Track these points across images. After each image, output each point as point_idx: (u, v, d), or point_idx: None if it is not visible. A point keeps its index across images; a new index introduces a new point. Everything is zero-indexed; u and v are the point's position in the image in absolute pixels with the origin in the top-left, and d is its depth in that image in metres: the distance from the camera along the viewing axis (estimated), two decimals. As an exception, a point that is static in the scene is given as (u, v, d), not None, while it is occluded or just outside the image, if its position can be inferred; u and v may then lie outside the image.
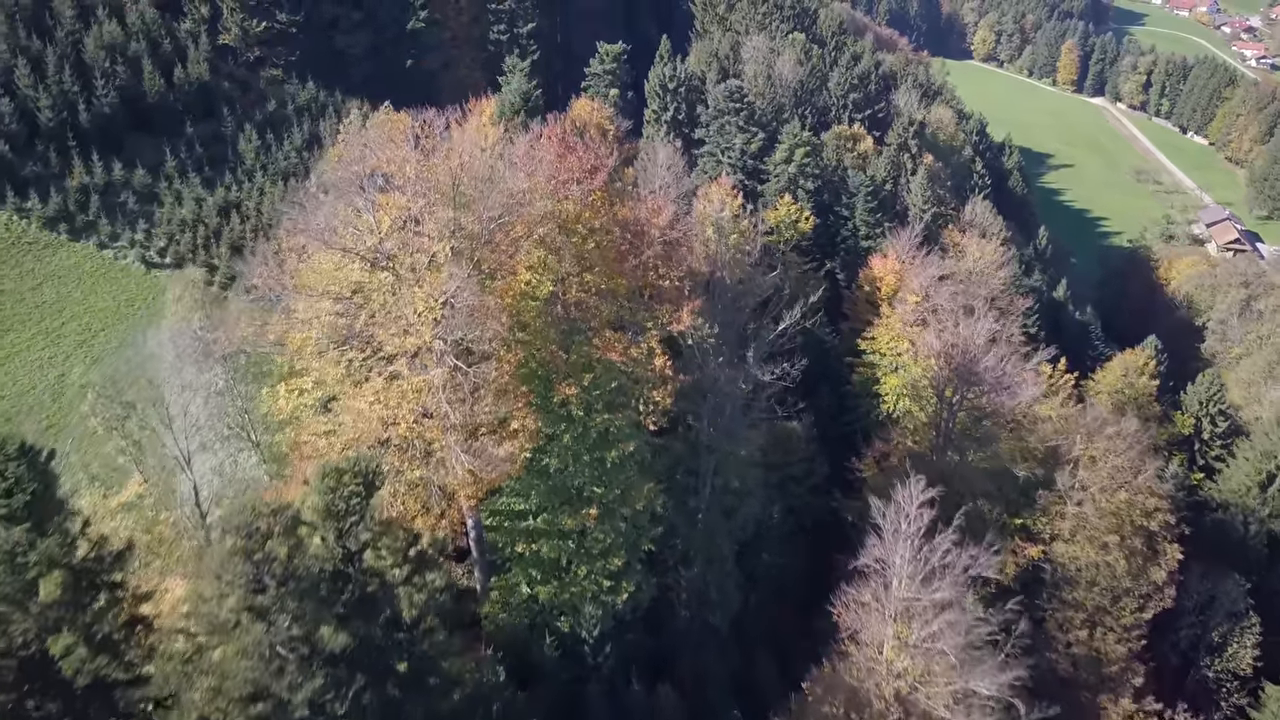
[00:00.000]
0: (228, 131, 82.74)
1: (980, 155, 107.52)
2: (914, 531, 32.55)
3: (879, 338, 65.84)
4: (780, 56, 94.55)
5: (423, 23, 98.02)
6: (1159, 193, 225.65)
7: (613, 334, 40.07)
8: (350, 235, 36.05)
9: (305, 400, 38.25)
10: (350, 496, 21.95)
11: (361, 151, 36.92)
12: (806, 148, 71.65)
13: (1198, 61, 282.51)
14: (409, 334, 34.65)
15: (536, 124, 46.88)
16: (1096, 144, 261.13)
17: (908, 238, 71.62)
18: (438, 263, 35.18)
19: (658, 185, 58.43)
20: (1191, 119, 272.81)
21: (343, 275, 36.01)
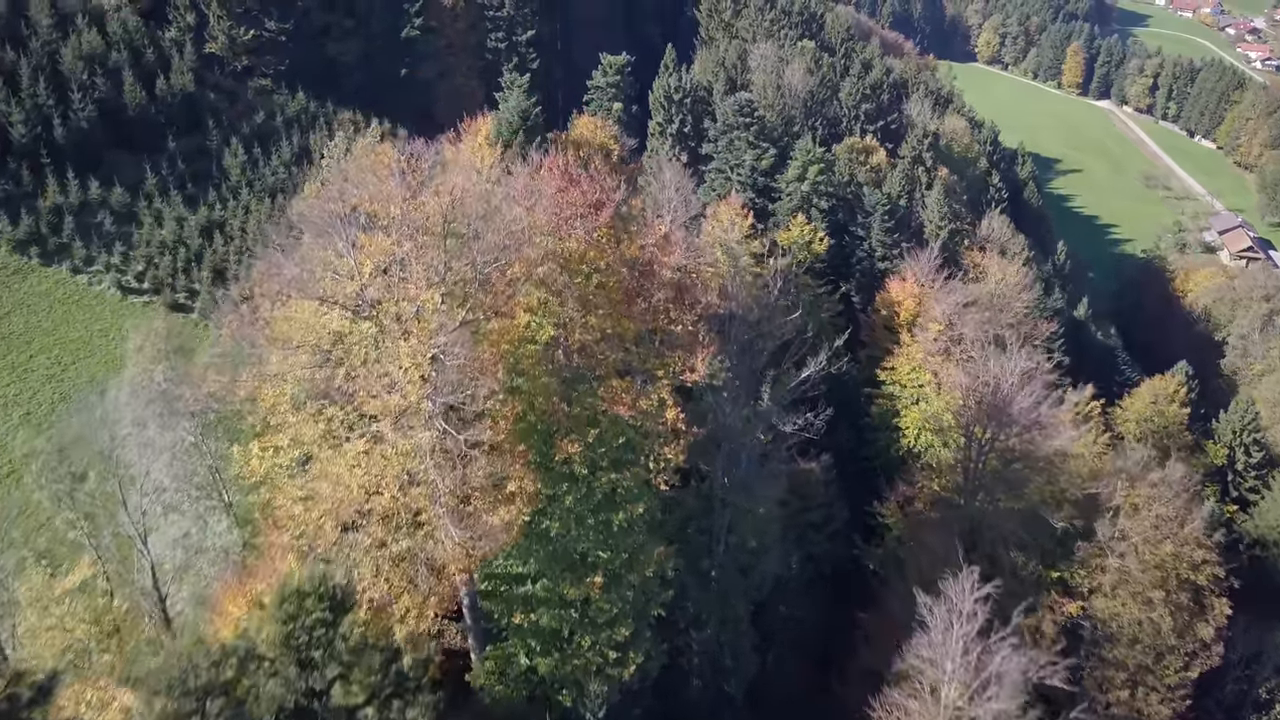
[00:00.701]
0: (213, 145, 79.05)
1: (995, 166, 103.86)
2: (967, 632, 28.76)
3: (899, 368, 62.20)
4: (789, 65, 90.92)
5: (417, 30, 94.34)
6: (1168, 199, 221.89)
7: (620, 383, 36.39)
8: (329, 281, 32.41)
9: (280, 460, 34.53)
10: (314, 625, 18.26)
11: (341, 187, 33.26)
12: (820, 165, 67.96)
13: (1205, 64, 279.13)
14: (393, 393, 30.99)
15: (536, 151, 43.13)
16: (1104, 148, 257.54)
17: (926, 260, 67.97)
18: (426, 312, 31.48)
19: (665, 208, 54.78)
20: (1199, 123, 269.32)
21: (320, 325, 32.33)
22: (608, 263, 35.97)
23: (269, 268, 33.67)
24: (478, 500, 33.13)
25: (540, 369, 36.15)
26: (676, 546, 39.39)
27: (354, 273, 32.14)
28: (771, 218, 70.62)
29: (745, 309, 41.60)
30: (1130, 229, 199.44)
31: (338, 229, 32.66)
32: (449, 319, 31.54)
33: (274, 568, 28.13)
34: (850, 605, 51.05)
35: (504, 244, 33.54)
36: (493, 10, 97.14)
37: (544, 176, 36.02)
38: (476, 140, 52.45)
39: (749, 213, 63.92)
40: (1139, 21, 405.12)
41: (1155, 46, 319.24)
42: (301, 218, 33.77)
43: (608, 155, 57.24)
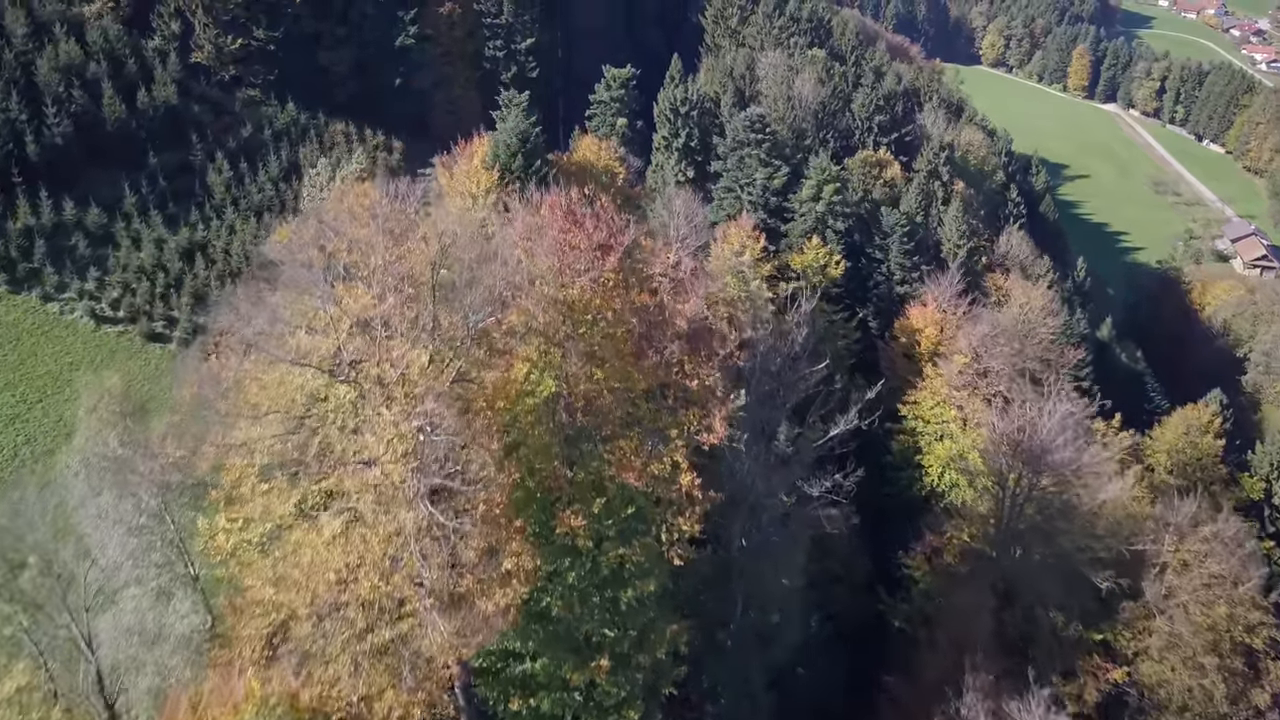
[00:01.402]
0: (197, 161, 75.29)
1: (1012, 179, 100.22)
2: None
3: (922, 402, 58.58)
4: (799, 75, 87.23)
5: (413, 39, 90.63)
6: (1178, 205, 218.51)
7: (628, 443, 32.73)
8: (302, 337, 28.74)
9: (249, 536, 30.90)
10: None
11: (318, 229, 29.62)
12: (836, 184, 64.31)
13: (1213, 67, 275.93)
14: (374, 468, 27.32)
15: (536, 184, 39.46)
16: (1111, 153, 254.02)
17: (948, 284, 64.35)
18: (411, 375, 27.80)
19: (675, 236, 51.13)
20: (1208, 127, 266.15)
21: (293, 387, 28.66)
22: (615, 311, 32.31)
23: (236, 320, 30.06)
24: (470, 582, 29.46)
25: (540, 428, 32.54)
26: (690, 621, 35.75)
27: (331, 328, 28.50)
28: (784, 239, 66.97)
29: (766, 358, 37.90)
30: (1140, 236, 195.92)
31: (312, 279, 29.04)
32: (437, 383, 27.94)
33: (231, 690, 24.39)
34: (874, 665, 47.46)
35: (500, 295, 29.93)
36: (490, 18, 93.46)
37: (545, 216, 32.34)
38: (472, 164, 48.81)
39: (760, 235, 60.39)
40: (1143, 23, 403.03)
41: (1162, 49, 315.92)
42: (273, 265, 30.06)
43: (613, 178, 53.54)
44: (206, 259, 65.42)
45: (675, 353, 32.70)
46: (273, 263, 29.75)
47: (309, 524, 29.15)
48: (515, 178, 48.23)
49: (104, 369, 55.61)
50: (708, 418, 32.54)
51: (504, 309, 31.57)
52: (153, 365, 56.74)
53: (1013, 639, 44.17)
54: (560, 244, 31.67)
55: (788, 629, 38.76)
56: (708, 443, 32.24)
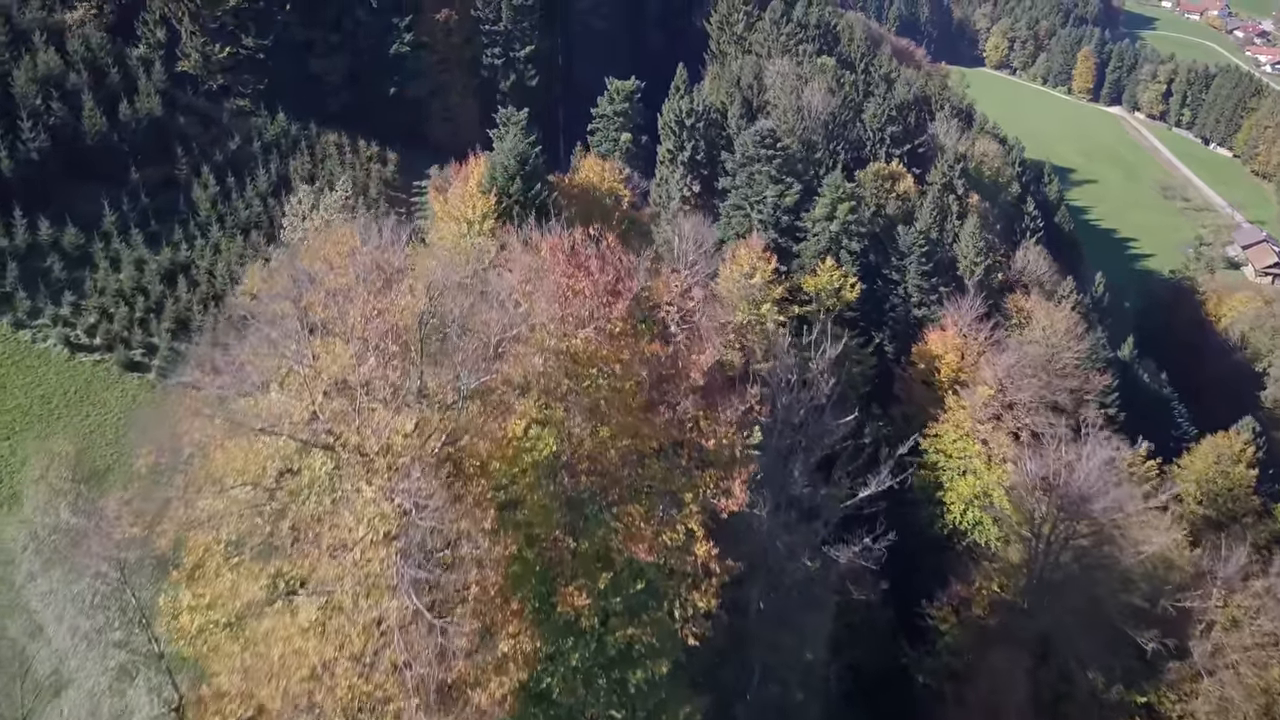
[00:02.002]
0: (181, 175, 72.09)
1: (1028, 191, 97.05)
2: None
3: (943, 435, 55.41)
4: (808, 85, 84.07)
5: (408, 46, 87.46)
6: (1187, 210, 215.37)
7: (638, 509, 29.62)
8: (274, 402, 25.64)
9: (215, 616, 27.78)
10: None
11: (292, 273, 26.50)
12: (851, 202, 61.16)
13: (1220, 70, 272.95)
14: (352, 552, 24.21)
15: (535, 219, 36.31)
16: (1118, 157, 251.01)
17: (968, 307, 61.21)
18: (395, 445, 24.68)
19: (683, 262, 48.08)
20: (1215, 130, 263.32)
21: (262, 457, 25.56)
22: (623, 362, 29.18)
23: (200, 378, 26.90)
24: (461, 669, 26.31)
25: (539, 491, 29.40)
26: (704, 696, 32.62)
27: (305, 390, 25.38)
28: (796, 259, 63.86)
29: (789, 410, 34.74)
30: (1150, 243, 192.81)
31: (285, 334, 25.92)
32: (424, 450, 24.84)
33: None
34: (897, 723, 44.33)
35: (495, 348, 26.79)
36: (489, 25, 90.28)
37: (545, 258, 29.19)
38: (467, 186, 45.66)
39: (772, 256, 57.35)
40: (1146, 24, 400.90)
41: (1167, 52, 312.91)
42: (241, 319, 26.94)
43: (618, 202, 50.38)
44: (189, 281, 62.22)
45: (690, 409, 29.53)
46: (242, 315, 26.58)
47: (282, 607, 26.07)
48: (514, 202, 45.10)
49: (79, 402, 52.54)
50: (726, 480, 29.39)
51: (500, 358, 28.50)
52: (130, 397, 53.56)
53: (1048, 700, 41.13)
54: (563, 290, 28.53)
55: (811, 703, 35.65)
56: (726, 510, 29.06)
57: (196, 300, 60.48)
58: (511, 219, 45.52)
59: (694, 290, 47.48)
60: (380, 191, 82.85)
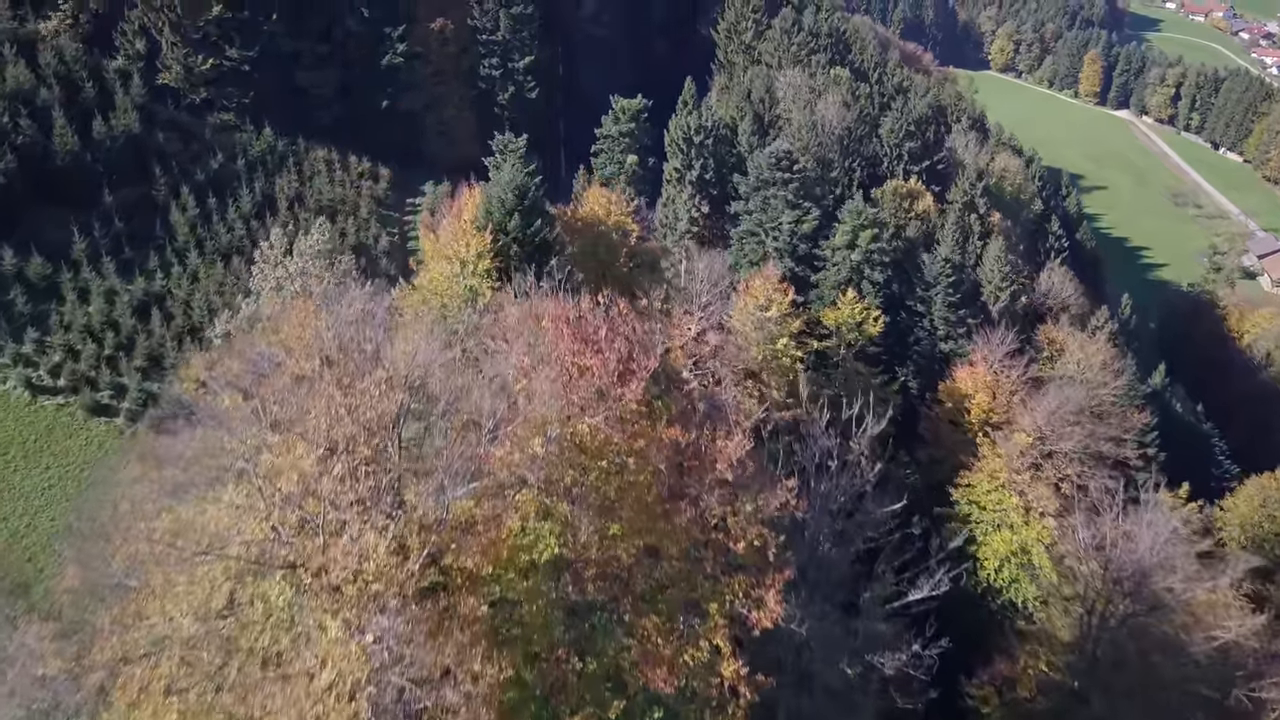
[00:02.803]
0: (159, 196, 67.93)
1: (1052, 209, 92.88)
2: None
3: (976, 485, 51.23)
4: (822, 98, 79.92)
5: (401, 57, 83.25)
6: (1199, 217, 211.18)
7: (654, 621, 25.48)
8: (223, 514, 21.51)
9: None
10: None
11: (244, 367, 22.37)
12: (874, 230, 56.97)
13: (1230, 74, 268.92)
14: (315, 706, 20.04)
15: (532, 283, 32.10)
16: (1127, 162, 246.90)
17: (999, 341, 57.01)
18: (366, 572, 20.53)
19: (696, 303, 43.91)
20: (1225, 135, 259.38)
21: (208, 581, 21.42)
22: (638, 452, 25.00)
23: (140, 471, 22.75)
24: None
25: (539, 601, 25.23)
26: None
27: (259, 502, 21.24)
28: (814, 289, 59.71)
29: (827, 498, 30.56)
30: (1163, 252, 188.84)
31: (238, 429, 21.75)
32: (400, 578, 20.72)
33: None
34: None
35: (487, 452, 22.62)
36: (486, 34, 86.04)
37: (548, 330, 25.00)
38: (460, 222, 41.46)
39: (789, 288, 53.17)
40: (1150, 26, 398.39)
41: (1175, 55, 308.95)
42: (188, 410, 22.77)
43: (625, 236, 46.14)
44: (164, 314, 58.04)
45: (715, 505, 25.34)
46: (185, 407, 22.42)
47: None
48: (512, 240, 40.91)
49: (38, 452, 48.34)
50: (757, 588, 25.21)
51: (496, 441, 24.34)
52: (95, 444, 49.39)
53: (1105, 797, 36.92)
54: (567, 368, 24.33)
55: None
56: (759, 624, 24.88)
57: (171, 335, 56.30)
58: (509, 258, 41.39)
59: (708, 334, 43.39)
60: (371, 211, 78.77)
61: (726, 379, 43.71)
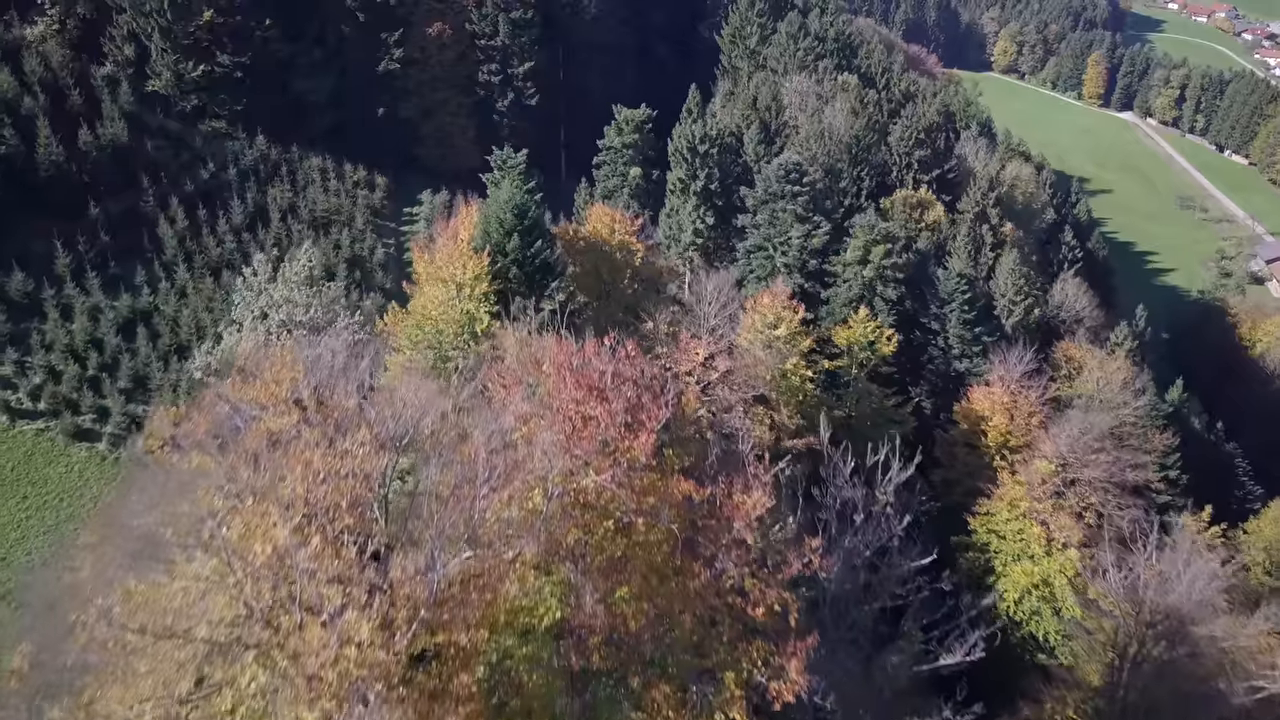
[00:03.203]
0: (148, 208, 65.88)
1: (1064, 218, 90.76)
2: None
3: (996, 513, 49.12)
4: (830, 105, 77.79)
5: (397, 63, 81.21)
6: (1207, 221, 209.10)
7: (665, 692, 23.39)
8: (189, 589, 19.40)
9: None
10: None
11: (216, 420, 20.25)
12: (887, 245, 54.86)
13: (1235, 76, 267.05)
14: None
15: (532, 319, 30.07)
16: (1132, 165, 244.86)
17: (1016, 361, 54.89)
18: (347, 656, 18.43)
19: (704, 327, 41.82)
20: (1230, 137, 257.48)
21: (171, 660, 19.32)
22: (648, 509, 22.91)
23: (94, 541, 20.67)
24: None
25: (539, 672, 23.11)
26: None
27: (229, 576, 19.14)
28: (824, 305, 57.61)
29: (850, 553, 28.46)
30: (1170, 257, 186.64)
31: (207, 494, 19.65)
32: (385, 662, 18.65)
33: None
34: None
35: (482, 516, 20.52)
36: (485, 39, 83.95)
37: (549, 375, 22.91)
38: (457, 243, 39.36)
39: (799, 306, 51.00)
40: (1153, 26, 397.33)
41: (1178, 56, 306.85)
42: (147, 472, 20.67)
43: (630, 256, 44.02)
44: (150, 331, 56.00)
45: (732, 566, 23.23)
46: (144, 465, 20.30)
47: None
48: (511, 261, 38.80)
49: (15, 481, 46.24)
50: (778, 656, 23.10)
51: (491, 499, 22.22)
52: (75, 472, 47.32)
53: None
54: (570, 418, 22.24)
55: None
56: (780, 697, 22.78)
57: (157, 355, 54.22)
58: (508, 281, 39.29)
59: (717, 359, 41.31)
60: (367, 221, 76.73)
61: (736, 405, 41.63)
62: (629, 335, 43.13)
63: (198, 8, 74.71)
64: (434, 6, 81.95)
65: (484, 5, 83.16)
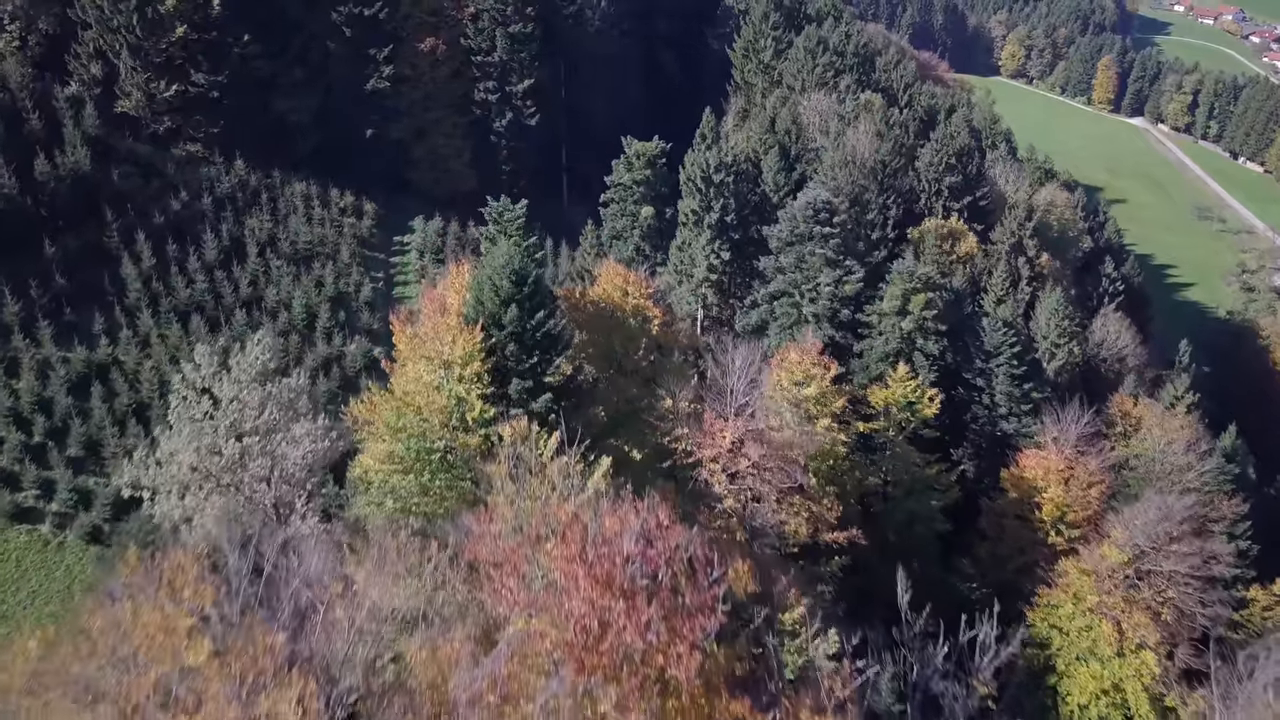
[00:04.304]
0: (111, 245, 60.07)
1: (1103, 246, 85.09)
2: None
3: (1060, 607, 43.41)
4: (852, 127, 72.15)
5: (387, 81, 75.43)
6: (1225, 232, 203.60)
7: None
8: None
9: None
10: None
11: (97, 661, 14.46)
12: (929, 294, 49.13)
13: (1250, 82, 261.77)
14: None
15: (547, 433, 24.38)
16: (1146, 173, 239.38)
17: (1073, 422, 49.24)
18: None
19: (730, 403, 36.16)
20: (1244, 144, 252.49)
21: None
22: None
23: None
24: None
25: None
26: None
27: None
28: (857, 358, 51.89)
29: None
30: (1190, 271, 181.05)
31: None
32: None
33: None
34: None
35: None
36: (481, 55, 78.19)
37: (559, 568, 17.11)
38: (445, 314, 33.59)
39: (831, 363, 45.34)
40: (1160, 29, 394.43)
41: (1188, 59, 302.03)
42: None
43: (646, 324, 38.23)
44: (106, 389, 50.21)
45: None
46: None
47: None
48: (508, 336, 33.05)
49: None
50: None
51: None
52: (13, 561, 41.52)
53: None
54: (583, 624, 16.47)
55: None
56: None
57: (113, 418, 48.43)
58: (504, 358, 33.55)
59: (747, 445, 35.57)
60: (354, 254, 70.92)
61: (768, 496, 35.95)
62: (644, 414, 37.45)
63: (170, 23, 68.89)
64: (426, 20, 76.17)
65: (480, 19, 77.41)
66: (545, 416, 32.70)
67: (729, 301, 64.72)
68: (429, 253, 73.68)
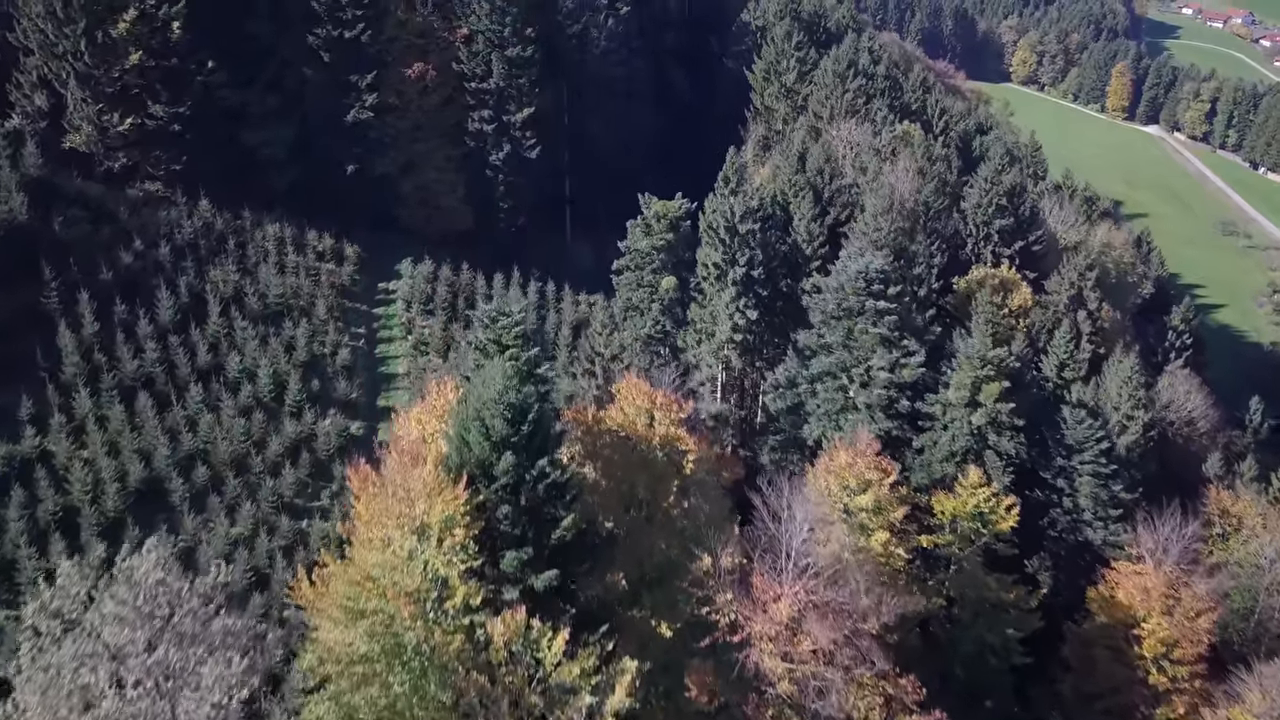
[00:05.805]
0: (49, 305, 52.25)
1: (1169, 295, 77.47)
2: None
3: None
4: (890, 163, 64.43)
5: (370, 110, 67.56)
6: (1252, 249, 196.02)
7: None
8: None
9: None
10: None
11: None
12: (1004, 383, 41.26)
13: (1270, 89, 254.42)
14: None
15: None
16: (1165, 185, 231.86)
17: (1173, 534, 41.45)
18: None
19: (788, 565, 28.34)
20: (1265, 154, 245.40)
21: None
22: None
23: None
24: None
25: None
26: None
27: None
28: (917, 455, 44.00)
29: None
30: (1218, 291, 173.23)
31: None
32: None
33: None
34: None
35: None
36: (476, 82, 70.31)
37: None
38: (420, 464, 25.67)
39: (891, 466, 37.72)
40: (1169, 33, 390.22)
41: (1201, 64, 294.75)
42: None
43: (678, 462, 30.26)
44: (29, 494, 42.28)
45: None
46: None
47: None
48: (501, 492, 25.23)
49: None
50: None
51: None
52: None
53: None
54: None
55: None
56: None
57: (28, 537, 40.45)
58: (496, 521, 25.71)
59: (809, 620, 27.71)
60: (332, 306, 62.99)
61: (836, 684, 28.10)
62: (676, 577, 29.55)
63: (124, 49, 61.04)
64: (414, 43, 68.28)
65: (474, 41, 69.52)
66: (549, 598, 24.90)
67: (755, 365, 57.01)
68: (417, 302, 65.90)
